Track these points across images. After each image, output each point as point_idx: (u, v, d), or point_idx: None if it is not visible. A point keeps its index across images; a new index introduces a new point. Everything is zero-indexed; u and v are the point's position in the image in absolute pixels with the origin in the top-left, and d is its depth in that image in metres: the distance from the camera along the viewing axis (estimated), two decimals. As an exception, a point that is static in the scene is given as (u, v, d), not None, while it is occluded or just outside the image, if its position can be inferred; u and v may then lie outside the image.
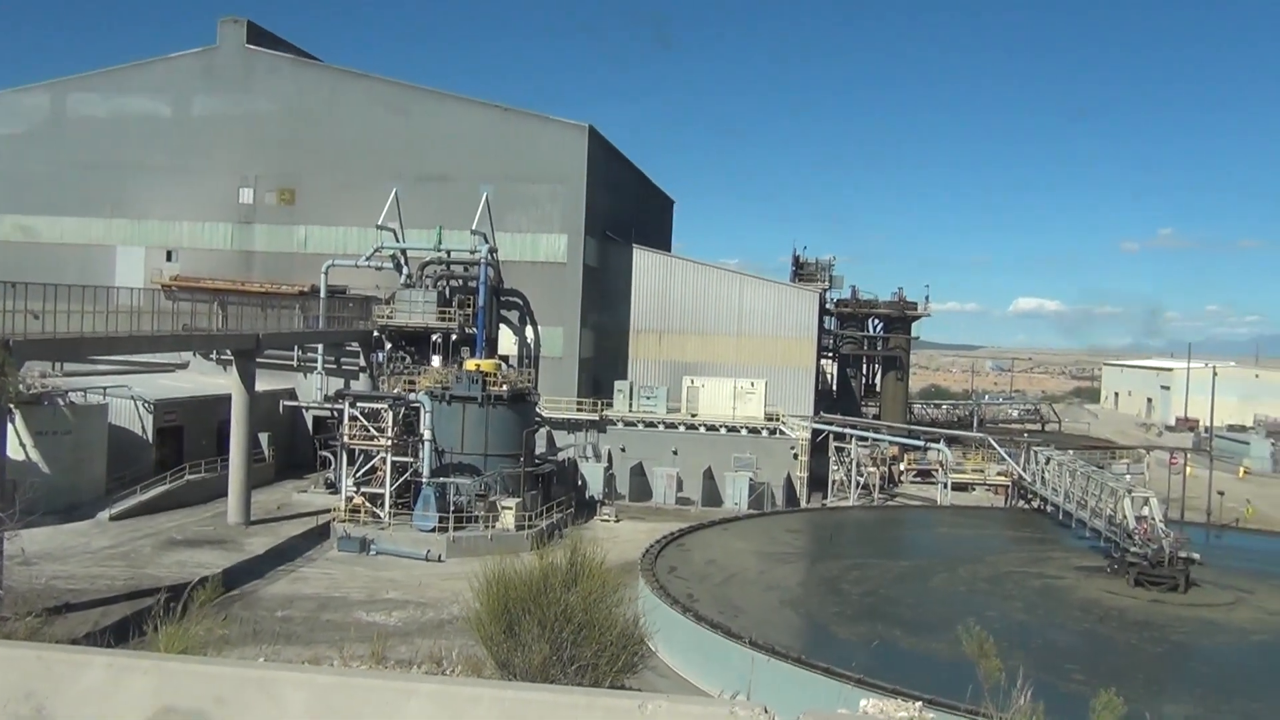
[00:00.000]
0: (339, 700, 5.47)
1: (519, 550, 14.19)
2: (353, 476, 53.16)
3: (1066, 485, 52.84)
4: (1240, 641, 33.73)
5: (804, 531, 53.15)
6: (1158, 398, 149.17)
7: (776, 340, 74.11)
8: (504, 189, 70.48)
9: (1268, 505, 73.15)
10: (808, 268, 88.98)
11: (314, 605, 40.06)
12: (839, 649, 28.86)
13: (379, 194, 69.61)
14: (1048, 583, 40.88)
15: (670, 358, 74.02)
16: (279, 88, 74.30)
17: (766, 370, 71.48)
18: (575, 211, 70.56)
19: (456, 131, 72.21)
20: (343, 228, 72.38)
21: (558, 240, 70.77)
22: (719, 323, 74.56)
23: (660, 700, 5.29)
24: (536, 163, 71.03)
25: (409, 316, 67.74)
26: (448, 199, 69.98)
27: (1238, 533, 57.01)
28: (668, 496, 63.69)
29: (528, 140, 71.93)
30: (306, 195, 73.45)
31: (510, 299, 71.03)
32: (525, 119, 73.07)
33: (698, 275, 76.10)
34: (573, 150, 71.21)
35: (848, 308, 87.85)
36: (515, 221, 70.80)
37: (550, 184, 70.68)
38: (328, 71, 77.04)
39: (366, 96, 74.06)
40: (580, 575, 10.75)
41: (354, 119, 73.21)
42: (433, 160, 71.43)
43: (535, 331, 71.26)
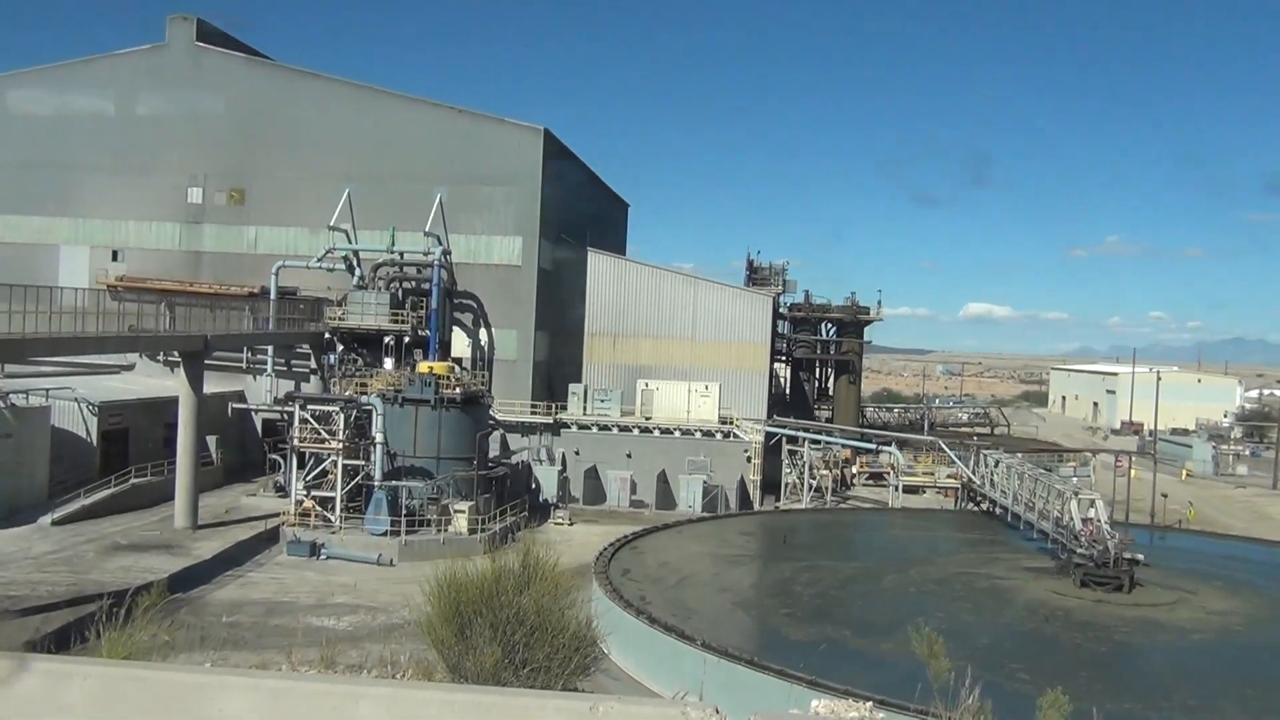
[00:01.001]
0: (286, 705, 5.41)
1: (472, 554, 14.13)
2: (303, 480, 52.53)
3: (1015, 488, 53.58)
4: (1181, 640, 34.42)
5: (757, 534, 53.40)
6: (1103, 402, 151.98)
7: (730, 344, 74.44)
8: (458, 191, 70.10)
9: (1209, 507, 74.83)
10: (761, 272, 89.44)
11: (262, 610, 39.53)
12: (790, 650, 29.01)
13: (331, 195, 68.90)
14: (996, 583, 41.42)
15: (625, 361, 74.05)
16: (229, 86, 73.26)
17: (720, 374, 71.74)
18: (530, 214, 70.35)
19: (410, 132, 71.69)
20: (294, 228, 71.53)
21: (512, 243, 70.52)
22: (673, 326, 74.74)
23: (612, 701, 5.30)
24: (491, 164, 70.72)
25: (361, 318, 67.10)
26: (401, 200, 69.44)
27: (1181, 534, 58.20)
28: (622, 499, 63.66)
29: (482, 142, 71.59)
30: (257, 195, 72.50)
31: (464, 301, 70.64)
32: (480, 120, 72.74)
33: (652, 279, 76.24)
34: (527, 152, 71.01)
35: (801, 312, 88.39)
36: (469, 223, 70.44)
37: (505, 186, 70.41)
38: (280, 70, 76.15)
39: (319, 96, 73.30)
40: (533, 578, 10.72)
41: (306, 119, 72.43)
42: (386, 161, 70.85)
43: (489, 334, 70.94)
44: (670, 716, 5.26)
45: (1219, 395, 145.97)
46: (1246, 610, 38.36)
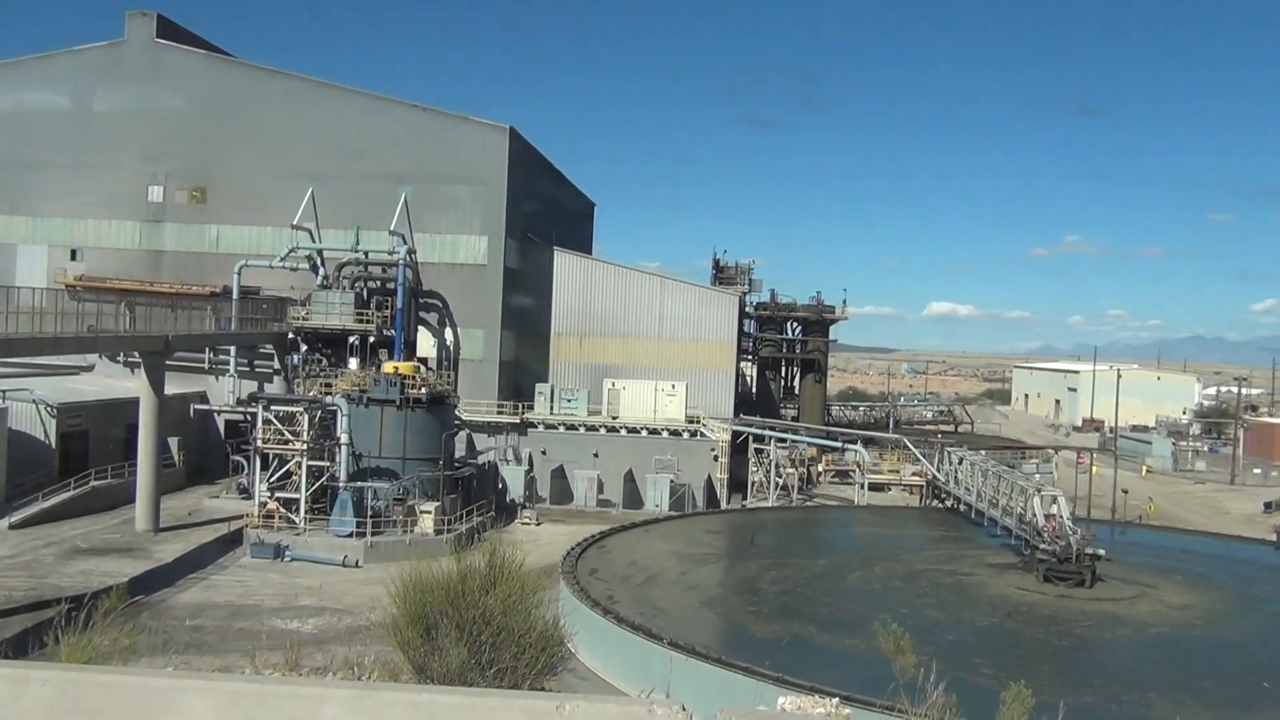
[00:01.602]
0: (250, 708, 5.35)
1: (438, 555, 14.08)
2: (266, 481, 52.04)
3: (978, 485, 54.11)
4: (1140, 634, 34.94)
5: (724, 532, 53.57)
6: (1065, 399, 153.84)
7: (697, 343, 74.59)
8: (424, 190, 69.72)
9: (1169, 503, 75.94)
10: (727, 271, 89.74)
11: (226, 614, 39.13)
12: (757, 648, 29.13)
13: (294, 193, 68.29)
14: (960, 579, 41.81)
15: (591, 360, 73.99)
16: (190, 83, 72.42)
17: (687, 373, 71.88)
18: (496, 213, 70.11)
19: (375, 131, 71.22)
20: (256, 227, 70.82)
21: (478, 242, 70.25)
22: (640, 326, 74.78)
23: (578, 700, 5.29)
24: (457, 163, 70.41)
25: (325, 318, 66.58)
26: (366, 199, 68.97)
27: (1141, 529, 59.03)
28: (589, 499, 63.61)
29: (448, 141, 71.27)
30: (219, 194, 71.72)
31: (429, 301, 70.28)
32: (445, 119, 72.40)
33: (619, 278, 76.24)
34: (493, 151, 70.77)
35: (767, 311, 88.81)
36: (435, 223, 70.09)
37: (471, 185, 70.13)
38: (242, 68, 75.37)
39: (282, 94, 72.63)
40: (499, 578, 10.69)
41: (269, 116, 71.75)
42: (350, 160, 70.32)
43: (455, 334, 70.62)
44: (636, 715, 5.26)
45: (1178, 393, 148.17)
46: (1205, 604, 38.98)
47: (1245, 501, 77.27)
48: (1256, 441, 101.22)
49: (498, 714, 5.26)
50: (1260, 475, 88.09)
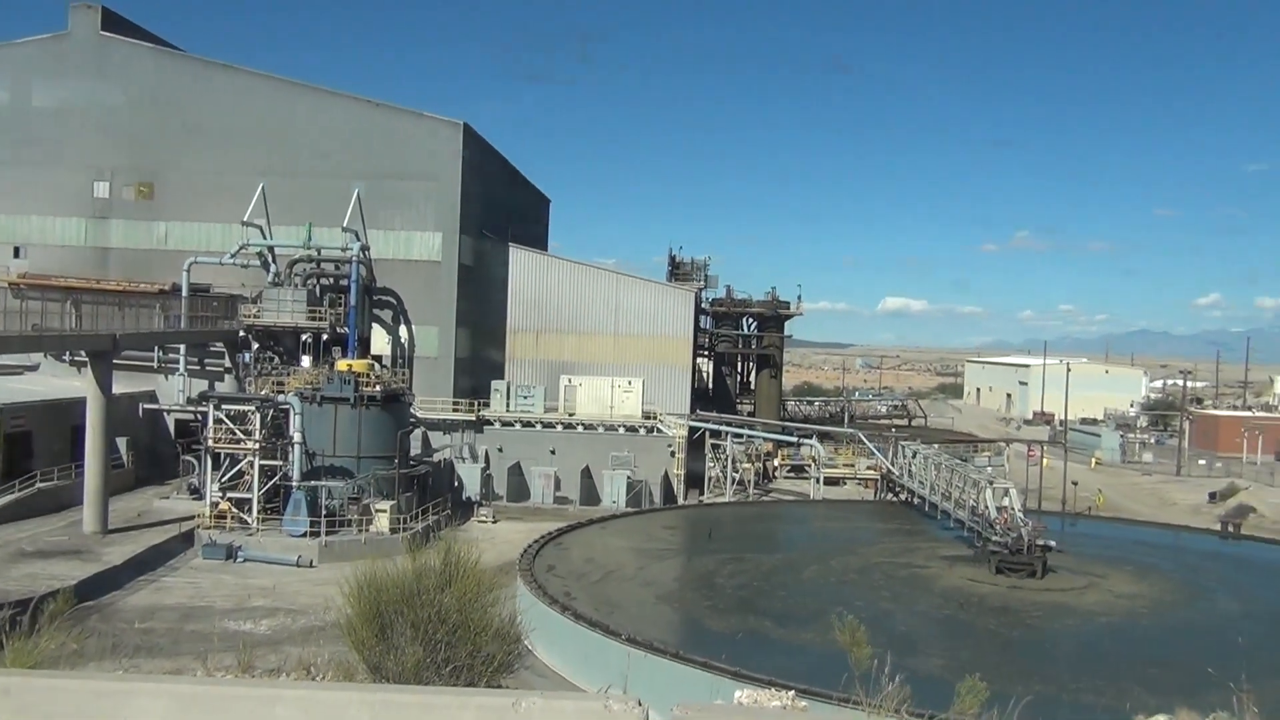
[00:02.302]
0: (200, 710, 5.28)
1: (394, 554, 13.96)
2: (218, 481, 51.35)
3: (932, 478, 54.76)
4: (1088, 624, 35.58)
5: (681, 528, 53.75)
6: (1016, 393, 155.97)
7: (653, 339, 74.68)
8: (377, 186, 69.14)
9: (1117, 494, 77.33)
10: (684, 267, 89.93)
11: (177, 616, 38.58)
12: (714, 642, 29.27)
13: (245, 189, 67.40)
14: (914, 572, 42.29)
15: (547, 357, 73.82)
16: (137, 77, 71.16)
17: (644, 369, 71.97)
18: (450, 209, 69.71)
19: (327, 126, 70.49)
20: (206, 224, 69.80)
21: (432, 238, 69.81)
22: (596, 322, 74.74)
23: (534, 697, 5.28)
24: (410, 159, 69.90)
25: (277, 316, 65.77)
26: (318, 195, 68.25)
27: (1091, 520, 60.04)
28: (545, 496, 63.49)
29: (401, 136, 70.73)
30: (167, 190, 70.57)
31: (383, 298, 69.73)
32: (398, 115, 71.84)
33: (575, 274, 76.13)
34: (447, 147, 70.34)
35: (723, 307, 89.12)
36: (388, 219, 69.54)
37: (424, 181, 69.65)
38: (190, 61, 74.19)
39: (232, 88, 71.60)
40: (455, 576, 10.64)
41: (218, 111, 70.66)
42: (302, 155, 69.54)
43: (410, 331, 70.13)
44: (593, 710, 5.26)
45: (1126, 386, 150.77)
46: (1152, 594, 39.76)
47: (1191, 492, 78.88)
48: (1201, 433, 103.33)
49: (453, 712, 5.24)
50: (1205, 467, 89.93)
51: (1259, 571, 47.35)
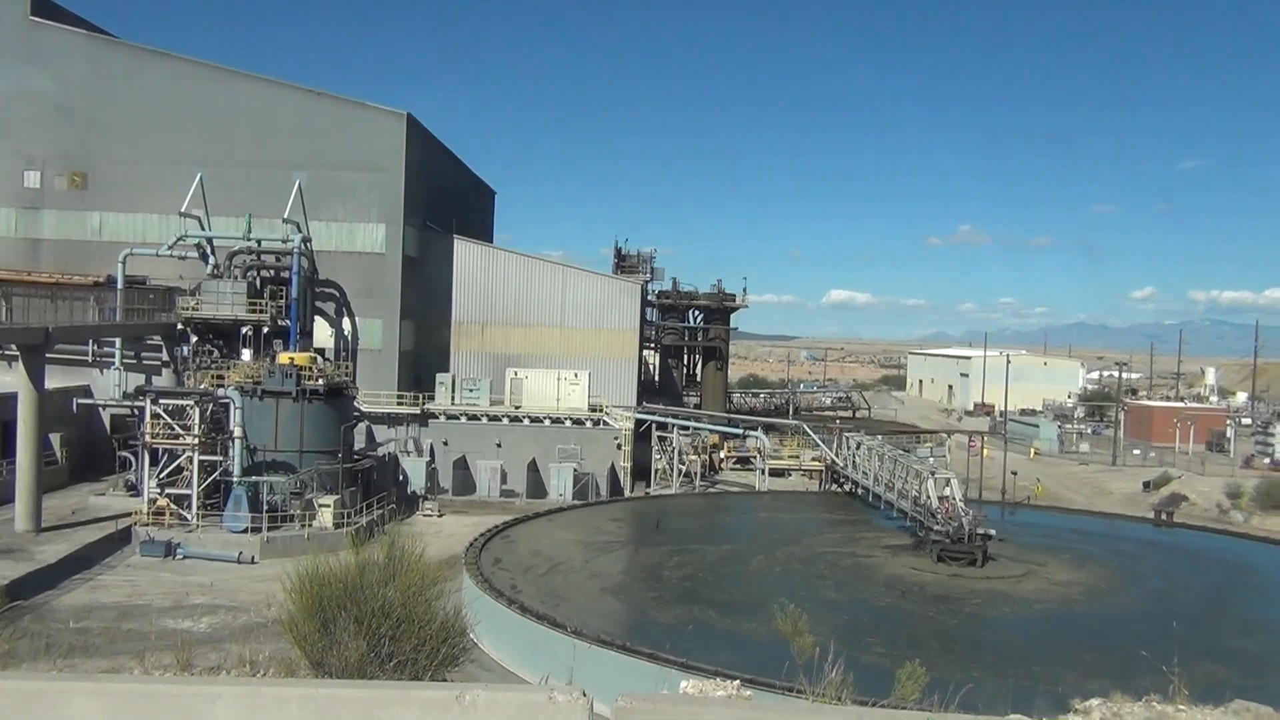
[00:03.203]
0: (136, 710, 5.20)
1: (338, 549, 13.82)
2: (156, 478, 50.43)
3: (875, 469, 55.44)
4: (1025, 610, 36.33)
5: (628, 520, 53.84)
6: (958, 385, 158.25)
7: (600, 331, 74.66)
8: (318, 177, 68.23)
9: (1055, 483, 78.89)
10: (629, 260, 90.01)
11: (115, 615, 37.82)
12: (660, 633, 29.40)
13: (182, 179, 66.16)
14: (858, 561, 42.81)
15: (493, 350, 73.50)
16: (68, 64, 69.38)
17: (590, 361, 71.91)
18: (394, 201, 69.04)
19: (267, 115, 69.38)
20: (142, 214, 68.39)
21: (376, 230, 69.09)
22: (542, 314, 74.54)
23: (478, 690, 5.27)
24: (353, 150, 69.08)
25: (216, 308, 64.63)
26: (258, 186, 67.20)
27: (1030, 509, 61.20)
28: (492, 489, 63.25)
29: (343, 127, 69.85)
30: (101, 179, 68.99)
31: (326, 290, 68.89)
32: (340, 105, 70.93)
33: (521, 267, 75.84)
34: (390, 138, 69.64)
35: (669, 299, 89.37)
36: (331, 210, 68.68)
37: (367, 172, 68.89)
38: (125, 49, 72.53)
39: (168, 76, 70.15)
40: (398, 570, 10.56)
41: (154, 99, 69.21)
42: (241, 145, 68.39)
43: (353, 323, 69.39)
44: (537, 702, 5.26)
45: (1063, 377, 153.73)
46: (1087, 581, 40.66)
47: (1126, 481, 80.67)
48: (1135, 423, 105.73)
49: (396, 706, 5.21)
50: (1139, 456, 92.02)
51: (1191, 558, 48.60)
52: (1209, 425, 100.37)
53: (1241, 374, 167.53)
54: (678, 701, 6.47)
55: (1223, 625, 34.15)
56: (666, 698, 6.61)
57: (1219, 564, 47.91)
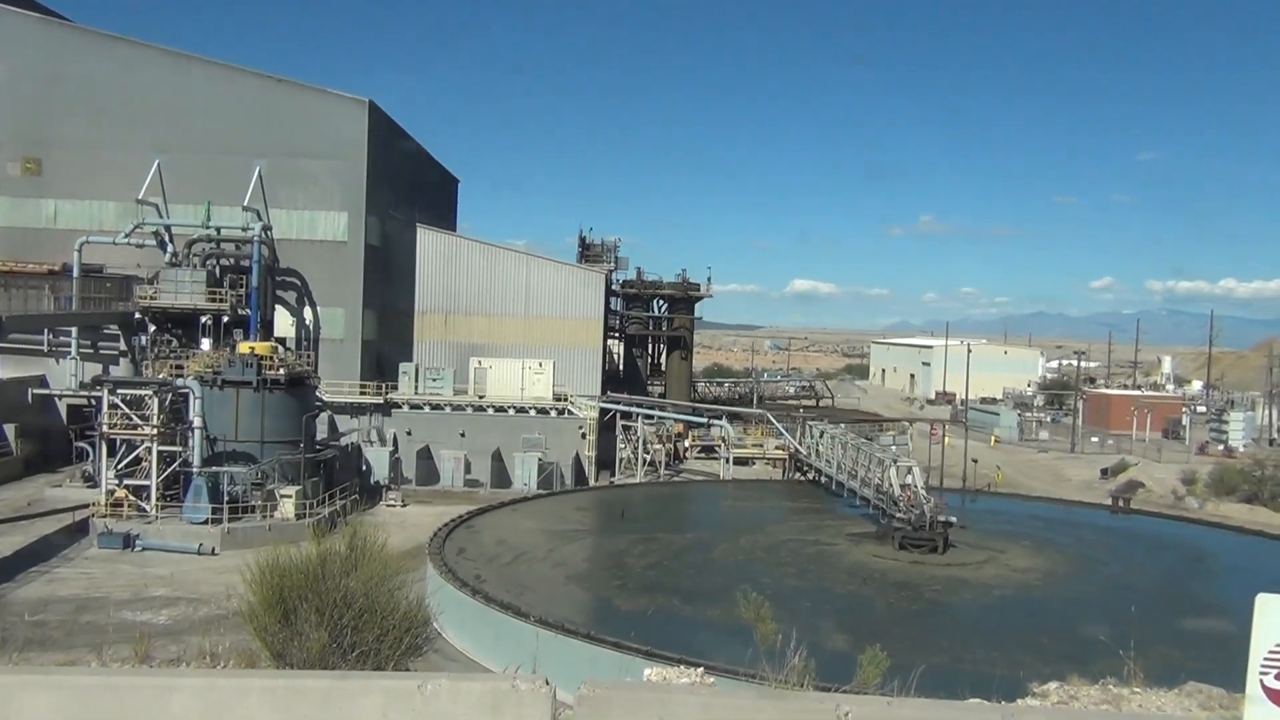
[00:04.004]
0: (93, 703, 5.15)
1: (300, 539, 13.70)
2: (114, 469, 49.74)
3: (839, 457, 55.82)
4: (984, 596, 36.80)
5: (592, 509, 53.87)
6: (919, 374, 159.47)
7: (564, 321, 74.53)
8: (279, 164, 67.46)
9: (1015, 471, 79.80)
10: (594, 249, 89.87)
11: (72, 607, 37.30)
12: (624, 622, 29.46)
13: (139, 166, 65.17)
14: (821, 549, 43.11)
15: (457, 339, 73.16)
16: (21, 48, 67.95)
17: (554, 351, 71.79)
18: (356, 189, 68.42)
19: (225, 102, 68.40)
20: (98, 201, 67.28)
21: (337, 218, 68.45)
22: (506, 304, 74.29)
23: (440, 679, 5.27)
24: (314, 137, 68.36)
25: (175, 297, 63.74)
26: (217, 173, 66.32)
27: (990, 497, 61.89)
28: (456, 479, 63.04)
29: (304, 114, 69.07)
30: (56, 166, 67.73)
31: (287, 279, 68.19)
32: (301, 91, 70.11)
33: (484, 256, 75.50)
34: (352, 125, 68.97)
35: (633, 289, 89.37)
36: (292, 198, 67.94)
37: (329, 160, 68.18)
38: (79, 33, 71.20)
39: (124, 61, 68.95)
40: (360, 560, 10.52)
41: (109, 84, 67.97)
42: (200, 132, 67.39)
43: (314, 313, 68.75)
44: (500, 691, 5.28)
45: (1023, 366, 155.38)
46: (1046, 567, 41.23)
47: (1084, 469, 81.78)
48: (1093, 411, 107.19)
49: (358, 696, 5.20)
50: (1097, 444, 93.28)
51: (1147, 543, 49.38)
52: (1165, 413, 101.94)
53: (1197, 362, 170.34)
54: (640, 689, 6.52)
55: (1177, 610, 34.74)
56: (630, 685, 6.65)
57: (1174, 549, 48.72)
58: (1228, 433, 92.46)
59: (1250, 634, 4.47)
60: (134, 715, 5.06)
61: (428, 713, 5.09)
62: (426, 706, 5.11)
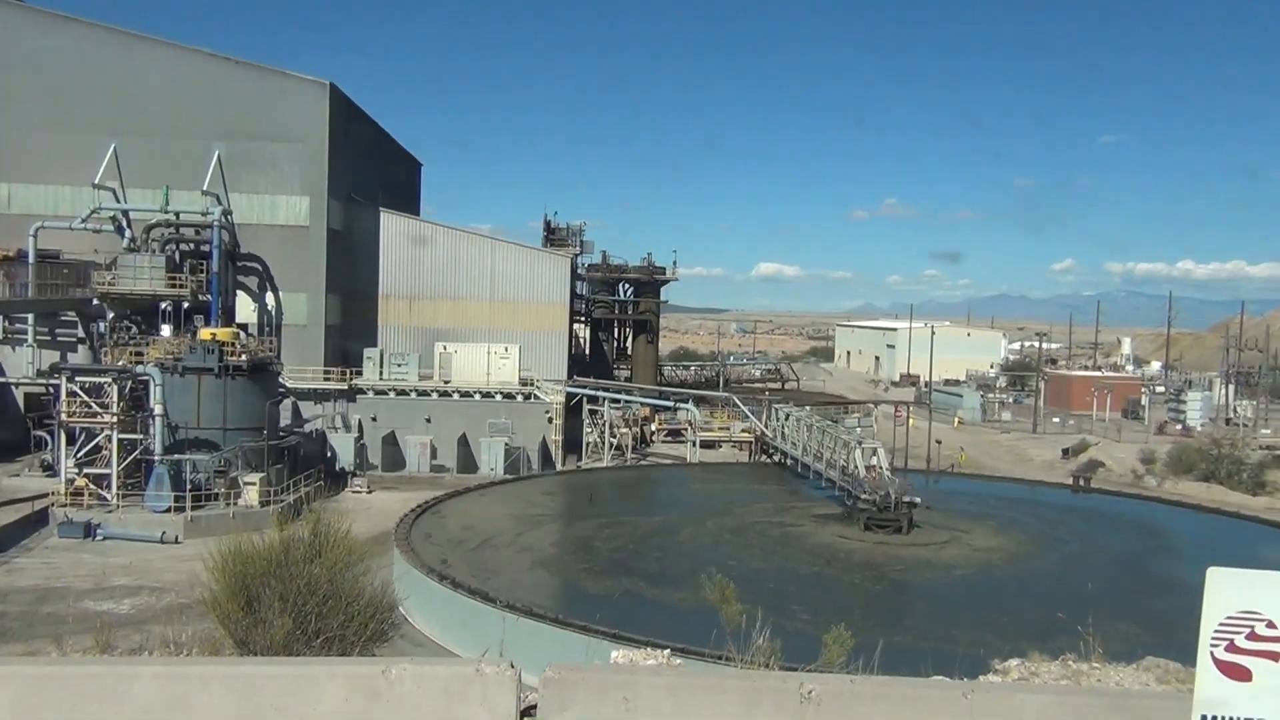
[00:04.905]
0: (52, 692, 5.09)
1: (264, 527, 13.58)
2: (74, 457, 49.08)
3: (804, 439, 56.16)
4: (945, 576, 37.24)
5: (560, 493, 53.89)
6: (884, 356, 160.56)
7: (530, 305, 74.29)
8: (239, 148, 66.59)
9: (978, 452, 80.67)
10: (559, 233, 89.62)
11: (32, 598, 36.84)
12: (591, 605, 29.54)
13: (95, 150, 64.11)
14: (786, 530, 43.40)
15: (422, 324, 72.73)
16: (-29, 29, 66.52)
17: (520, 335, 71.58)
18: (317, 172, 67.70)
19: (182, 84, 67.35)
20: (54, 186, 66.08)
21: (299, 202, 67.72)
22: (471, 288, 73.91)
23: (404, 664, 5.26)
24: (274, 120, 67.51)
25: (134, 283, 62.78)
26: (175, 157, 65.36)
27: (954, 477, 62.54)
28: (422, 465, 62.78)
29: (263, 96, 68.16)
30: (9, 149, 66.39)
31: (248, 264, 67.42)
32: (260, 73, 69.16)
33: (449, 240, 75.03)
34: (313, 108, 68.17)
35: (599, 273, 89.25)
36: (252, 182, 67.11)
37: (290, 143, 67.39)
38: (31, 14, 69.63)
39: (79, 43, 67.64)
40: (324, 546, 10.45)
41: (62, 66, 66.63)
42: (157, 114, 66.33)
43: (277, 298, 68.05)
44: (465, 675, 5.28)
45: (986, 348, 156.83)
46: (1008, 546, 41.74)
47: (1046, 449, 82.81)
48: (1055, 392, 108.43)
49: (322, 682, 5.18)
50: (1059, 424, 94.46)
51: (1106, 522, 50.11)
52: (1125, 394, 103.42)
53: (1156, 343, 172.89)
54: (605, 670, 6.54)
55: (1135, 587, 35.33)
56: (595, 667, 6.67)
57: (1133, 527, 49.46)
58: (1185, 413, 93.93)
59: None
60: (93, 705, 5.01)
61: (392, 697, 5.08)
62: (391, 691, 5.10)
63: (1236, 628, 4.15)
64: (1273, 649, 4.14)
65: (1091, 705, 5.47)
